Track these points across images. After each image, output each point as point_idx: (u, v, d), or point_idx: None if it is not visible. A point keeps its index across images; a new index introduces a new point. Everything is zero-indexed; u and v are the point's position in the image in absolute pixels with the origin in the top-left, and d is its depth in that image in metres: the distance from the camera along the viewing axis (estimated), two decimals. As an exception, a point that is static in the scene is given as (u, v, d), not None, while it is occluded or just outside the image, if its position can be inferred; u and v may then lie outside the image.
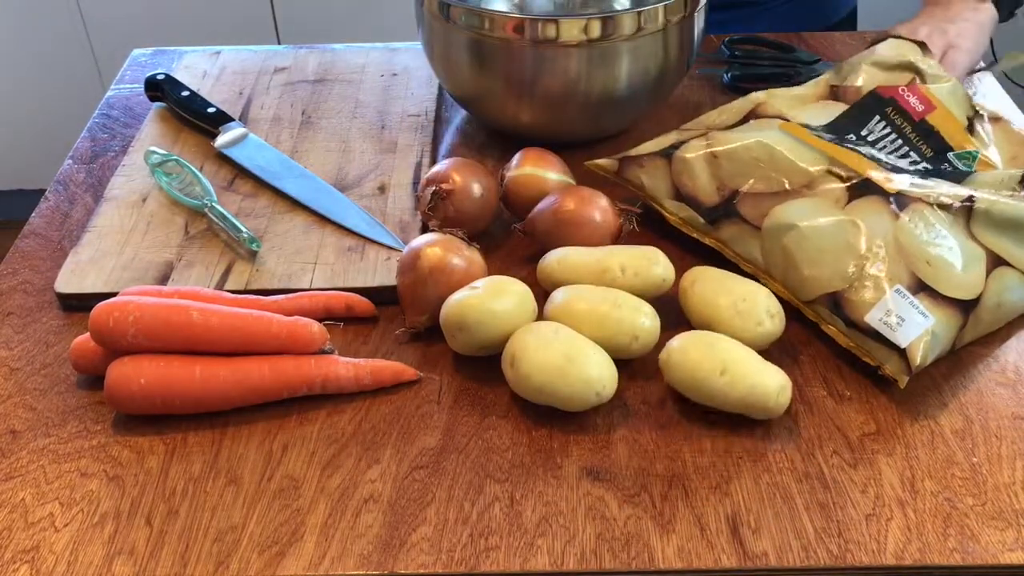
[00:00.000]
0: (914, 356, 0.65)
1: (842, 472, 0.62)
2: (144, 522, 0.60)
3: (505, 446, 0.64)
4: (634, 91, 0.88)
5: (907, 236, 0.69)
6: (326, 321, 0.71)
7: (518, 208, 0.81)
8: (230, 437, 0.66)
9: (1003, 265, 0.71)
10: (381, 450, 0.64)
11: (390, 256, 0.79)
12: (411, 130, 0.95)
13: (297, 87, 1.03)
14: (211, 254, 0.80)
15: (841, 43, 1.10)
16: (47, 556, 0.58)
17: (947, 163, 0.78)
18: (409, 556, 0.58)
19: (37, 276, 0.80)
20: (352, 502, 0.61)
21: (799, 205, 0.73)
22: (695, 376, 0.64)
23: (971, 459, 0.63)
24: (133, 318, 0.65)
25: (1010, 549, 0.57)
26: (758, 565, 0.57)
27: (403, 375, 0.69)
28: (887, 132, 0.80)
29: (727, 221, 0.76)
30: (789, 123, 0.79)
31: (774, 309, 0.68)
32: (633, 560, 0.57)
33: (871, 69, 0.85)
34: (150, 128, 0.97)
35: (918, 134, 0.80)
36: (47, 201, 0.89)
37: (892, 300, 0.67)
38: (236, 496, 0.62)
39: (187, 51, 1.10)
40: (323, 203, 0.85)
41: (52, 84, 2.24)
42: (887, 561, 0.57)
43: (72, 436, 0.66)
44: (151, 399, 0.65)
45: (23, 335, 0.74)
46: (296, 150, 0.93)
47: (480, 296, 0.68)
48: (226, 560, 0.58)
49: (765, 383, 0.63)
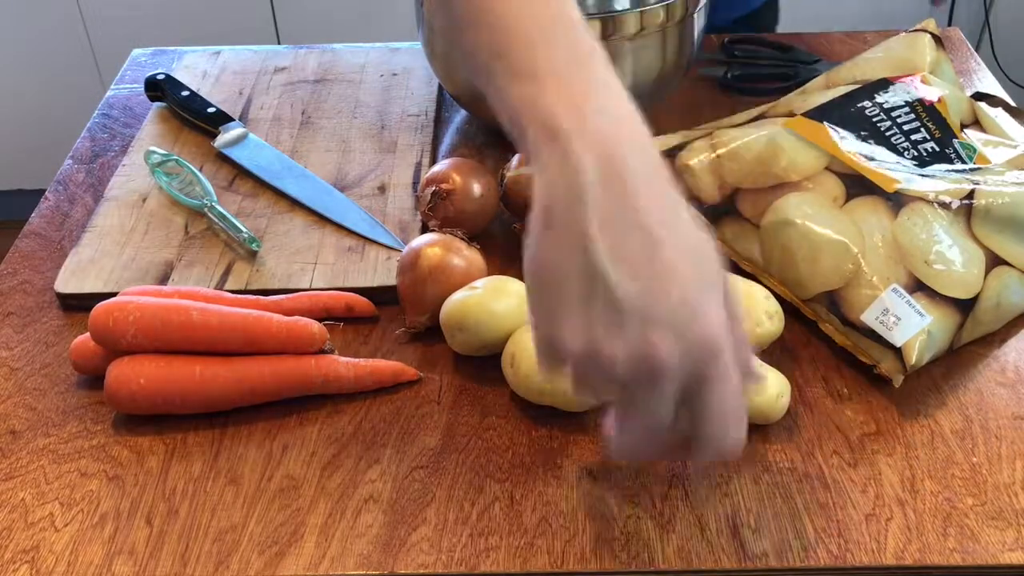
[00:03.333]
0: (909, 355, 0.65)
1: (842, 472, 0.62)
2: (144, 522, 0.60)
3: (505, 446, 0.64)
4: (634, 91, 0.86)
5: (905, 235, 0.69)
6: (326, 321, 0.71)
7: (518, 208, 0.81)
8: (230, 437, 0.66)
9: (1003, 264, 0.71)
10: (381, 450, 0.64)
11: (390, 256, 0.79)
12: (411, 130, 0.95)
13: (297, 87, 1.03)
14: (211, 254, 0.80)
15: (841, 43, 1.10)
16: (47, 556, 0.58)
17: (952, 148, 0.78)
18: (409, 556, 0.58)
19: (37, 276, 0.80)
20: (352, 502, 0.61)
21: (797, 200, 0.73)
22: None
23: (971, 459, 0.63)
24: (133, 318, 0.65)
25: (1010, 549, 0.58)
26: (758, 565, 0.57)
27: (403, 375, 0.69)
28: (900, 104, 0.80)
29: (727, 219, 0.76)
30: (793, 119, 0.79)
31: (772, 310, 0.68)
32: (633, 560, 0.57)
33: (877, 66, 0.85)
34: (150, 128, 0.97)
35: (928, 114, 0.80)
36: (47, 201, 0.89)
37: (888, 299, 0.67)
38: (236, 496, 0.62)
39: (187, 51, 1.10)
40: (323, 203, 0.85)
41: (52, 84, 2.24)
42: (887, 561, 0.57)
43: (72, 436, 0.66)
44: (151, 399, 0.65)
45: (23, 335, 0.74)
46: (296, 150, 0.93)
47: (480, 296, 0.68)
48: (226, 560, 0.58)
49: (763, 391, 0.63)
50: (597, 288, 0.46)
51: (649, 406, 0.48)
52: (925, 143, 0.78)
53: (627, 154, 0.46)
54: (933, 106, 0.80)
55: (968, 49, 1.09)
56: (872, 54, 0.88)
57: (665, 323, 0.46)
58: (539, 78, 0.48)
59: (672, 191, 0.48)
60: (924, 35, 0.88)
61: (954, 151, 0.78)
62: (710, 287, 0.47)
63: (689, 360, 0.46)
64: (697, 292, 0.46)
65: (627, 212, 0.46)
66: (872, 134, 0.78)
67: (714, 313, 0.47)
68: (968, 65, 1.06)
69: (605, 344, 0.46)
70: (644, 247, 0.45)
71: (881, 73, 0.84)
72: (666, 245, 0.46)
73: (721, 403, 0.48)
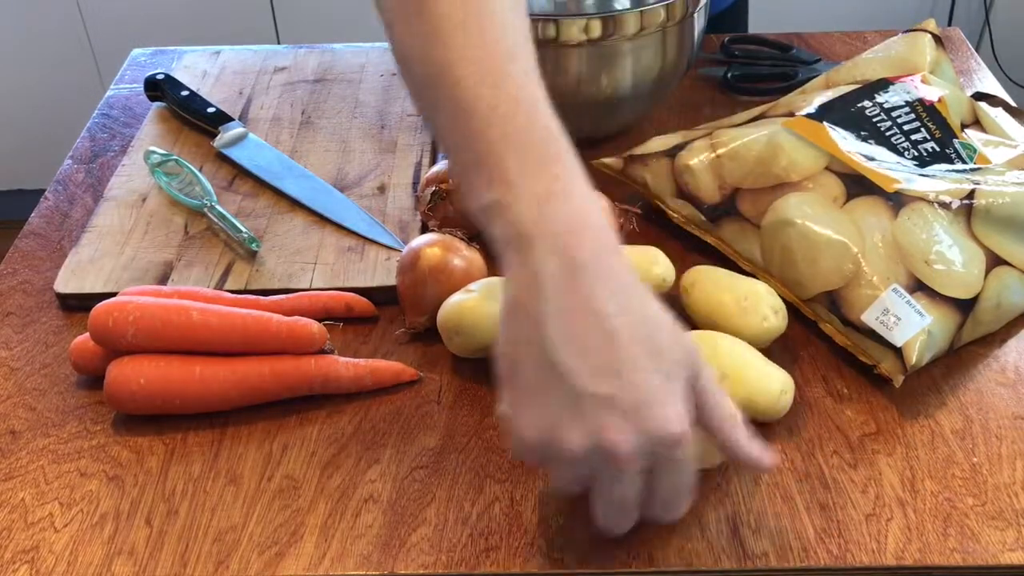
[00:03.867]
0: (909, 355, 0.65)
1: (842, 472, 0.62)
2: (144, 522, 0.60)
3: (505, 446, 0.64)
4: (634, 91, 0.88)
5: (905, 235, 0.69)
6: (326, 321, 0.71)
7: (518, 208, 0.81)
8: (230, 437, 0.66)
9: (1003, 264, 0.71)
10: (381, 450, 0.64)
11: (390, 256, 0.79)
12: (411, 130, 0.95)
13: (297, 87, 1.03)
14: (211, 254, 0.80)
15: (841, 43, 1.10)
16: (47, 556, 0.58)
17: (952, 148, 0.78)
18: (409, 556, 0.58)
19: (37, 276, 0.80)
20: (352, 502, 0.61)
21: (797, 200, 0.73)
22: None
23: (971, 459, 0.63)
24: (133, 318, 0.65)
25: (1010, 549, 0.57)
26: (758, 565, 0.57)
27: (403, 375, 0.69)
28: (901, 104, 0.80)
29: (728, 219, 0.76)
30: (793, 119, 0.79)
31: (777, 305, 0.68)
32: (633, 560, 0.57)
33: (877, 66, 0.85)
34: (150, 128, 0.97)
35: (928, 114, 0.80)
36: (47, 201, 0.89)
37: (889, 299, 0.67)
38: (236, 496, 0.62)
39: (187, 51, 1.10)
40: (323, 203, 0.85)
41: (52, 84, 2.24)
42: (887, 561, 0.57)
43: (72, 436, 0.66)
44: (151, 399, 0.65)
45: (23, 335, 0.74)
46: (296, 150, 0.93)
47: (476, 300, 0.68)
48: (226, 560, 0.58)
49: (766, 387, 0.63)
50: (553, 378, 0.48)
51: (614, 487, 0.51)
52: (925, 143, 0.78)
53: (586, 253, 0.49)
54: (933, 106, 0.80)
55: (968, 49, 1.09)
56: (872, 54, 0.88)
57: (619, 411, 0.48)
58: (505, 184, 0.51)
59: (632, 283, 0.50)
60: (924, 35, 0.88)
61: (954, 151, 0.78)
62: (668, 375, 0.49)
63: (646, 449, 0.49)
64: (652, 381, 0.48)
65: (584, 305, 0.48)
66: (872, 134, 0.78)
67: (670, 402, 0.49)
68: (968, 65, 1.06)
69: (564, 432, 0.49)
70: (600, 338, 0.48)
71: (881, 73, 0.84)
72: (621, 335, 0.48)
73: (669, 489, 0.52)
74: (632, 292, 0.50)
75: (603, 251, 0.50)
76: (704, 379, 0.52)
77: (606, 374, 0.48)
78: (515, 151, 0.51)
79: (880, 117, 0.79)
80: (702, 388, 0.52)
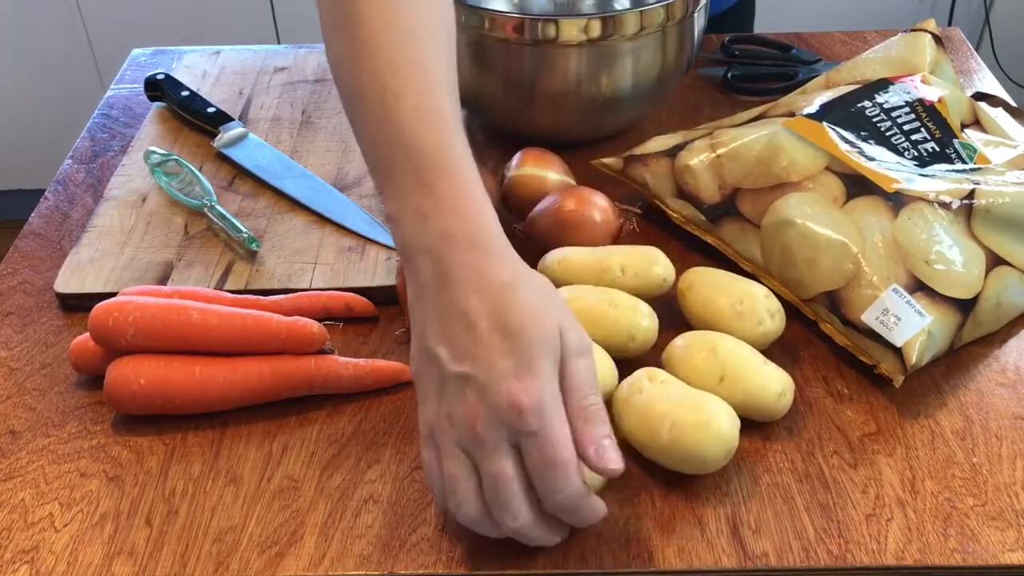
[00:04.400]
0: (909, 355, 0.65)
1: (842, 472, 0.62)
2: (144, 522, 0.60)
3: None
4: (634, 91, 0.88)
5: (905, 235, 0.69)
6: (326, 321, 0.71)
7: (518, 208, 0.81)
8: (230, 437, 0.66)
9: (1003, 264, 0.71)
10: (381, 450, 0.64)
11: (390, 256, 0.79)
12: (411, 130, 0.95)
13: (297, 87, 1.03)
14: (211, 254, 0.80)
15: (841, 43, 1.10)
16: (47, 556, 0.58)
17: (952, 149, 0.78)
18: (409, 556, 0.58)
19: (37, 276, 0.80)
20: (352, 502, 0.61)
21: (797, 200, 0.73)
22: (693, 381, 0.64)
23: (971, 459, 0.63)
24: (133, 318, 0.65)
25: (1010, 549, 0.57)
26: (758, 565, 0.57)
27: (403, 375, 0.69)
28: (901, 104, 0.80)
29: (728, 219, 0.76)
30: (793, 119, 0.79)
31: (774, 308, 0.68)
32: (633, 560, 0.57)
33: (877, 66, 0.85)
34: (150, 128, 0.97)
35: (928, 114, 0.80)
36: (47, 201, 0.89)
37: (889, 299, 0.67)
38: (236, 496, 0.62)
39: (187, 51, 1.10)
40: (323, 203, 0.85)
41: (52, 84, 2.24)
42: (887, 561, 0.57)
43: (72, 436, 0.66)
44: (151, 399, 0.65)
45: (23, 335, 0.74)
46: (296, 150, 0.93)
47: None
48: (226, 560, 0.58)
49: (766, 388, 0.63)
50: (431, 368, 0.54)
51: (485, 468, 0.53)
52: (925, 143, 0.78)
53: (453, 264, 0.54)
54: (933, 106, 0.80)
55: (968, 49, 1.09)
56: (872, 54, 0.88)
57: (473, 387, 0.52)
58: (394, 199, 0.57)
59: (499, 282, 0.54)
60: (924, 35, 0.88)
61: (954, 151, 0.78)
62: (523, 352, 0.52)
63: (504, 421, 0.52)
64: (506, 360, 0.52)
65: (452, 306, 0.53)
66: (872, 134, 0.78)
67: (521, 377, 0.52)
68: (968, 65, 1.06)
69: (437, 417, 0.54)
70: (463, 328, 0.53)
71: (881, 73, 0.84)
72: (481, 325, 0.52)
73: (541, 467, 0.52)
74: (497, 289, 0.54)
75: (470, 260, 0.55)
76: (572, 362, 0.54)
77: (464, 356, 0.53)
78: (401, 166, 0.57)
79: (880, 117, 0.79)
80: (567, 371, 0.54)
